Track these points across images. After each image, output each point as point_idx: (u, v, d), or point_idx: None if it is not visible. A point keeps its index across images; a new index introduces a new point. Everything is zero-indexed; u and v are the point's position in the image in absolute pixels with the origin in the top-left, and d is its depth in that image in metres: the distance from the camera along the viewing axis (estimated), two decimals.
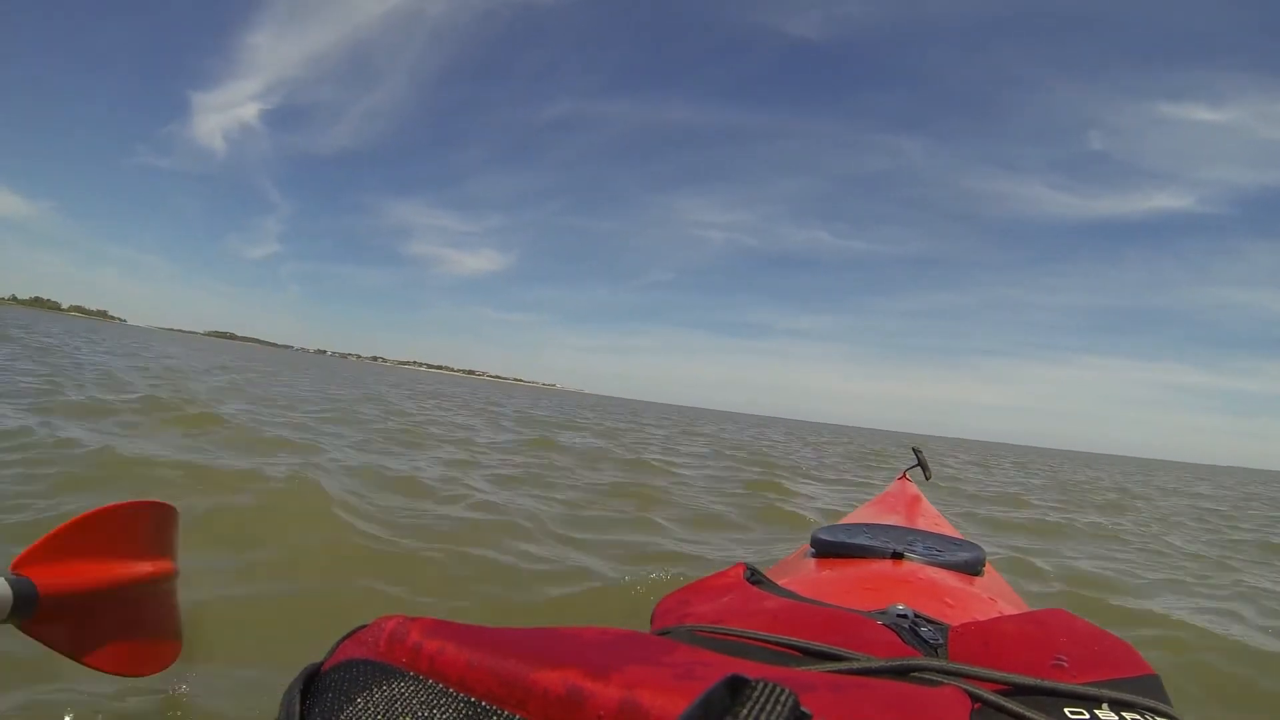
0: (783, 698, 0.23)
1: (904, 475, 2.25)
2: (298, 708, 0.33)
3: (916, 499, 1.87)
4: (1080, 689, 0.42)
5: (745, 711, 0.22)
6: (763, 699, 0.23)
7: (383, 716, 0.31)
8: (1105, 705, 0.41)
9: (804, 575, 1.04)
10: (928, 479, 2.37)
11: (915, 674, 0.43)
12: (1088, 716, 0.39)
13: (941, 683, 0.41)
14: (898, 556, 0.99)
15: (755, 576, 0.69)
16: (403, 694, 0.32)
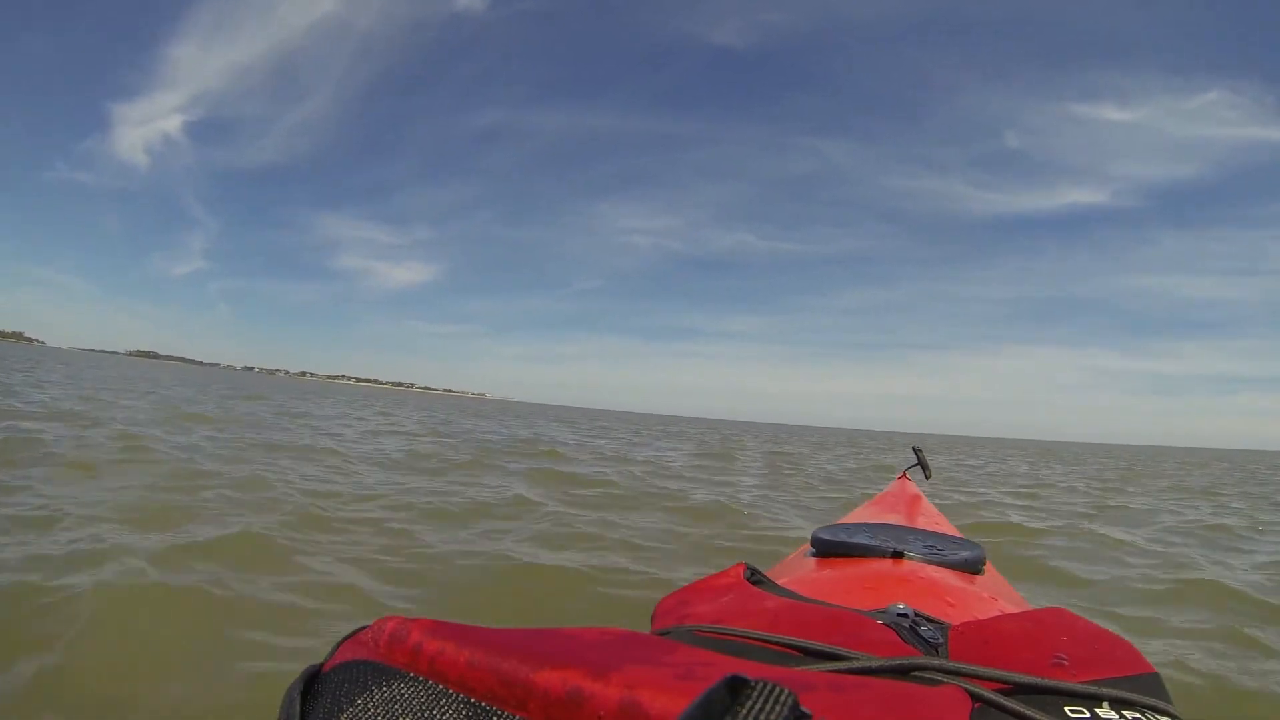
0: (783, 698, 0.23)
1: (904, 475, 2.25)
2: (298, 709, 0.33)
3: (916, 498, 1.87)
4: (1080, 687, 0.42)
5: (745, 711, 0.22)
6: (762, 699, 0.23)
7: (383, 717, 0.31)
8: (1106, 704, 0.40)
9: (804, 575, 1.03)
10: (928, 478, 2.36)
11: (915, 673, 0.43)
12: (1088, 715, 0.39)
13: (942, 682, 0.41)
14: (898, 556, 0.99)
15: (755, 576, 0.69)
16: (403, 695, 0.32)
